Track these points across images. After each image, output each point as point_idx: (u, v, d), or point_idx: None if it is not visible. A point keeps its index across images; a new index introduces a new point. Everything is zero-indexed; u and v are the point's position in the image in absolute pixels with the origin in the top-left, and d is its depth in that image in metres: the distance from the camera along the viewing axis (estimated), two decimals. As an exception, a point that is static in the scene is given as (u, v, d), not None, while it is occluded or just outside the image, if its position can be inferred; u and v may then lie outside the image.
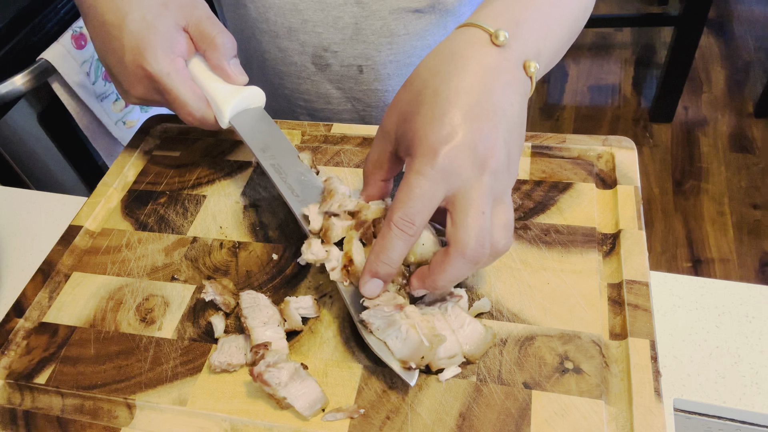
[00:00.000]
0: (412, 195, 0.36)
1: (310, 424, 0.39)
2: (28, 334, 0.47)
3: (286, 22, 0.64)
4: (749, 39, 2.29)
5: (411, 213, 0.36)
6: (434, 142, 0.36)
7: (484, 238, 0.36)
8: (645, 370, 0.39)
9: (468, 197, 0.36)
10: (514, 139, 0.38)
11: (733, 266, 1.62)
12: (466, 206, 0.36)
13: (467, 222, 0.36)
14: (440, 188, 0.36)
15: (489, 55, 0.39)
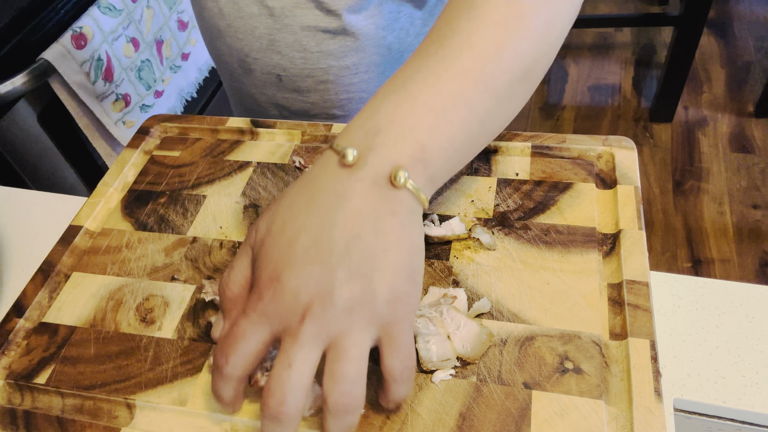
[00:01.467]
0: (232, 334, 0.34)
1: (310, 424, 0.39)
2: (28, 334, 0.47)
3: (215, 24, 0.67)
4: (749, 39, 2.29)
5: (227, 353, 0.34)
6: (262, 285, 0.34)
7: (286, 395, 0.32)
8: (645, 370, 0.39)
9: (283, 347, 0.33)
10: (366, 274, 0.33)
11: (733, 266, 1.62)
12: (278, 358, 0.33)
13: (272, 376, 0.33)
14: (261, 331, 0.34)
15: (338, 182, 0.35)
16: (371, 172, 0.35)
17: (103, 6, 1.07)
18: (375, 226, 0.34)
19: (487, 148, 0.55)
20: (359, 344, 0.33)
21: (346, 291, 0.33)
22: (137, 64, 1.17)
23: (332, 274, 0.33)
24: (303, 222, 0.35)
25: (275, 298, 0.34)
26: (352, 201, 0.34)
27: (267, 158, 0.58)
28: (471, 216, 0.50)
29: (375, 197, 0.35)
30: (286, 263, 0.34)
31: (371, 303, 0.33)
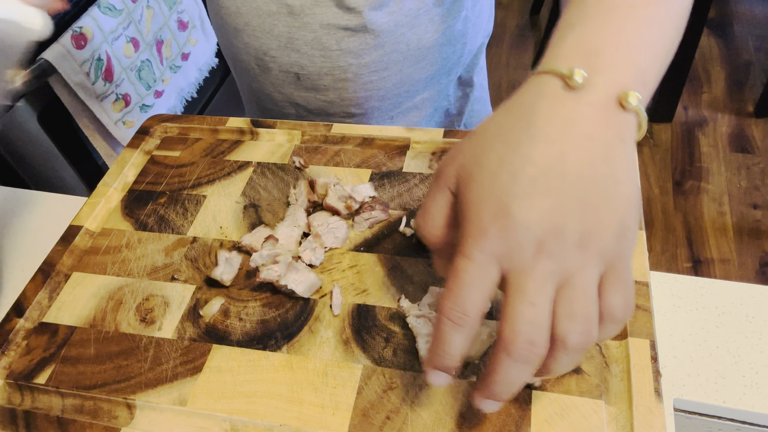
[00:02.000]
0: (461, 283, 0.32)
1: (310, 424, 0.39)
2: (28, 334, 0.47)
3: (233, 23, 0.67)
4: (749, 39, 2.29)
5: (462, 303, 0.32)
6: (485, 222, 0.32)
7: (533, 334, 0.30)
8: (645, 370, 0.39)
9: (518, 285, 0.31)
10: (597, 206, 0.31)
11: (733, 266, 1.62)
12: (513, 296, 0.31)
13: (512, 315, 0.30)
14: (491, 273, 0.31)
15: (564, 107, 0.33)
16: (600, 95, 0.33)
17: (103, 6, 1.07)
18: (606, 154, 0.32)
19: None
20: (593, 282, 0.31)
21: (580, 224, 0.31)
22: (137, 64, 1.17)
23: (564, 206, 0.31)
24: (526, 152, 0.32)
25: (504, 235, 0.31)
26: (582, 126, 0.32)
27: (267, 158, 0.58)
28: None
29: (605, 122, 0.32)
30: (514, 196, 0.31)
31: (603, 237, 0.31)
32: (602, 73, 0.33)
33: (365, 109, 0.70)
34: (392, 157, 0.56)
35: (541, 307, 0.30)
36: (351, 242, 0.50)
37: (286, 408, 0.40)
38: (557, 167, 0.31)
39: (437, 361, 0.33)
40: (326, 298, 0.46)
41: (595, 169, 0.32)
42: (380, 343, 0.43)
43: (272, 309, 0.46)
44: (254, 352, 0.44)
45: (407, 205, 0.52)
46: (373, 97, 0.69)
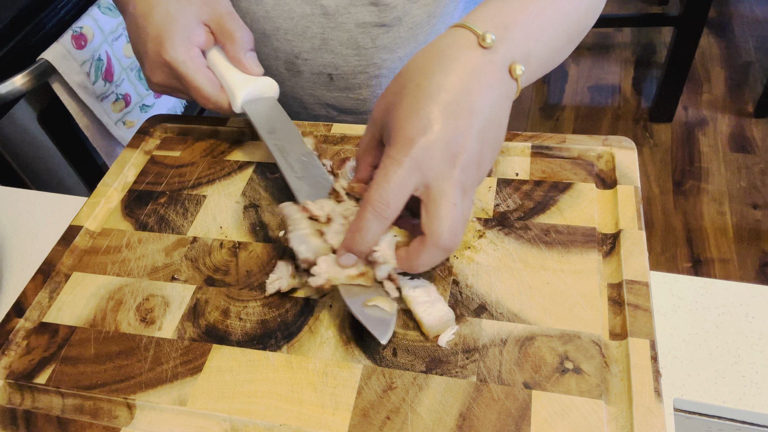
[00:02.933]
0: (387, 179, 0.39)
1: (310, 424, 0.39)
2: (28, 334, 0.47)
3: (260, 28, 0.66)
4: (749, 39, 2.29)
5: (386, 196, 0.39)
6: (411, 133, 0.39)
7: (457, 228, 0.39)
8: (645, 370, 0.39)
9: (441, 189, 0.39)
10: (489, 139, 0.41)
11: (733, 266, 1.62)
12: (439, 198, 0.39)
13: (441, 214, 0.39)
14: (413, 176, 0.39)
15: (474, 57, 0.41)
16: (501, 58, 0.41)
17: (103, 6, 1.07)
18: (498, 103, 0.41)
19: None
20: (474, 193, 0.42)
21: (478, 148, 0.40)
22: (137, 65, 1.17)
23: (472, 131, 0.39)
24: (440, 82, 0.40)
25: (428, 146, 0.38)
26: (486, 76, 0.40)
27: (267, 158, 0.58)
28: (471, 216, 0.50)
29: (501, 79, 0.41)
30: (434, 116, 0.39)
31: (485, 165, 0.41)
32: (505, 44, 0.42)
33: None
34: (392, 157, 0.56)
35: (459, 208, 0.39)
36: (351, 242, 0.50)
37: (286, 408, 0.40)
38: (466, 99, 0.39)
39: (354, 244, 0.41)
40: (326, 298, 0.46)
41: (491, 110, 0.40)
42: (380, 343, 0.43)
43: (272, 309, 0.46)
44: (254, 352, 0.44)
45: (407, 205, 0.52)
46: None
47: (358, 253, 0.42)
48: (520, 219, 0.49)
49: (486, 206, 0.51)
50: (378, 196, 0.39)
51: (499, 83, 0.41)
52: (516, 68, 0.42)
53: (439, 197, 0.39)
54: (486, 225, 0.49)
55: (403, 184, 0.39)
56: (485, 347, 0.42)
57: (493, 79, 0.41)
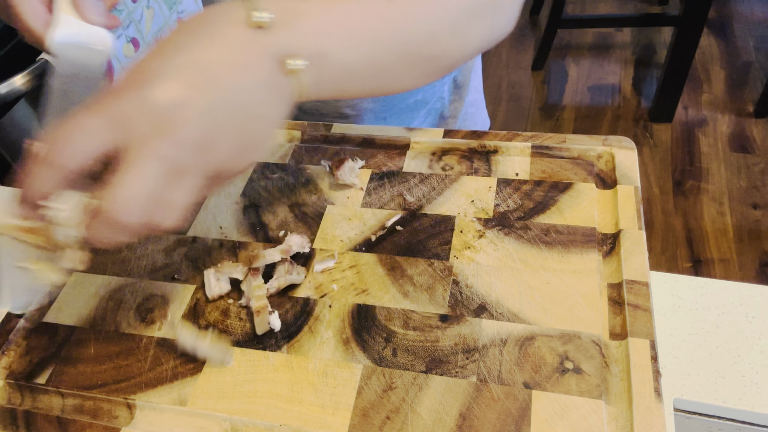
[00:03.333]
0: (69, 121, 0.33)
1: (310, 424, 0.39)
2: (28, 334, 0.47)
3: None
4: (749, 39, 2.29)
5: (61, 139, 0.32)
6: (122, 86, 0.33)
7: (137, 203, 0.32)
8: (645, 370, 0.39)
9: (135, 156, 0.32)
10: (227, 124, 0.34)
11: (733, 266, 1.62)
12: (128, 164, 0.32)
13: (122, 180, 0.32)
14: (103, 127, 0.32)
15: (237, 35, 0.35)
16: (272, 45, 0.35)
17: (103, 6, 1.07)
18: (255, 91, 0.35)
19: (487, 148, 0.55)
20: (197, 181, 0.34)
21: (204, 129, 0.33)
22: (137, 64, 1.17)
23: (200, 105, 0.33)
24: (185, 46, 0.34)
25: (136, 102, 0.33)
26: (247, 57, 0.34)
27: (267, 158, 0.58)
28: (471, 216, 0.50)
29: (264, 66, 0.35)
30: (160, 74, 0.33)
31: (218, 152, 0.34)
32: (286, 31, 0.35)
33: (358, 111, 0.70)
34: (392, 157, 0.56)
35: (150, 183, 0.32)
36: (351, 242, 0.50)
37: (286, 408, 0.40)
38: (208, 71, 0.33)
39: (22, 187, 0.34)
40: (326, 298, 0.46)
41: (242, 94, 0.34)
42: (380, 343, 0.43)
43: (272, 309, 0.46)
44: (254, 352, 0.44)
45: (407, 205, 0.52)
46: (366, 99, 0.69)
47: (24, 198, 0.34)
48: (520, 219, 0.49)
49: (486, 206, 0.51)
50: (54, 139, 0.33)
51: (262, 69, 0.35)
52: (290, 62, 0.35)
53: (128, 163, 0.32)
54: (486, 225, 0.49)
55: (86, 131, 0.32)
56: (485, 347, 0.42)
57: (254, 62, 0.35)
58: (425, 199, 0.52)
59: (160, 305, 0.48)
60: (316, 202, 0.54)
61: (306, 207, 0.53)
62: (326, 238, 0.50)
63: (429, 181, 0.54)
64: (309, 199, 0.54)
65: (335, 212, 0.52)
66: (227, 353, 0.43)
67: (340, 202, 0.53)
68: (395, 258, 0.48)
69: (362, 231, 0.51)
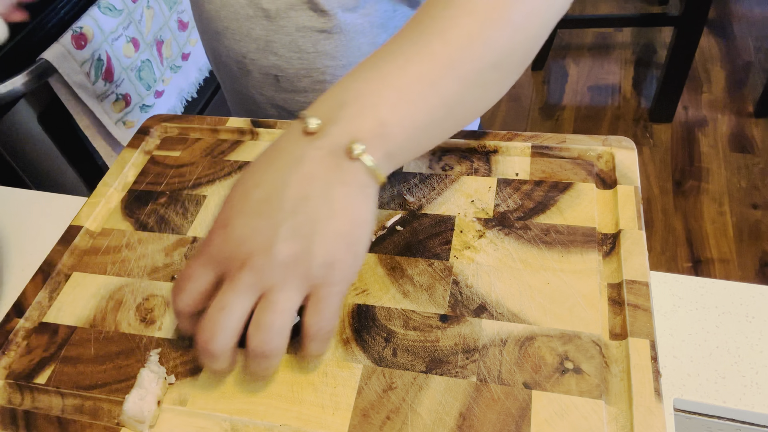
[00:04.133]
0: (183, 272, 0.38)
1: (310, 424, 0.39)
2: (28, 334, 0.47)
3: (213, 27, 0.67)
4: (749, 39, 2.29)
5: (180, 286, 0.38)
6: (212, 230, 0.37)
7: (215, 332, 0.36)
8: (645, 370, 0.39)
9: (221, 290, 0.36)
10: (309, 235, 0.36)
11: (733, 266, 1.62)
12: (215, 299, 0.36)
13: (208, 313, 0.36)
14: (206, 273, 0.37)
15: (298, 147, 0.37)
16: (329, 142, 0.37)
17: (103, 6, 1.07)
18: (324, 192, 0.36)
19: (486, 148, 0.55)
20: (288, 299, 0.36)
21: (285, 247, 0.35)
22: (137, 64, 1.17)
23: (276, 229, 0.35)
24: (259, 178, 0.37)
25: (221, 244, 0.36)
26: (307, 165, 0.36)
27: (267, 158, 0.58)
28: (471, 216, 0.50)
29: (329, 165, 0.36)
30: (237, 213, 0.37)
31: (307, 263, 0.36)
32: (337, 123, 0.37)
33: None
34: (392, 157, 0.56)
35: (228, 311, 0.35)
36: (351, 242, 0.50)
37: (286, 408, 0.40)
38: (278, 195, 0.36)
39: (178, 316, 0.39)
40: (326, 298, 0.46)
41: (309, 203, 0.36)
42: (380, 343, 0.43)
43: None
44: (254, 352, 0.44)
45: (407, 205, 0.52)
46: None
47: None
48: (520, 219, 0.49)
49: (486, 206, 0.51)
50: (176, 286, 0.38)
51: (326, 171, 0.36)
52: (354, 148, 0.36)
53: (215, 299, 0.36)
54: (486, 225, 0.49)
55: (195, 279, 0.37)
56: (485, 347, 0.42)
57: (317, 169, 0.36)
58: (425, 199, 0.52)
59: (160, 305, 0.48)
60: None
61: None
62: (326, 238, 0.50)
63: (429, 181, 0.54)
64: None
65: (335, 212, 0.52)
66: None
67: (340, 202, 0.53)
68: (395, 258, 0.48)
69: (362, 231, 0.51)
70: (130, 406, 0.40)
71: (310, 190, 0.36)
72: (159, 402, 0.41)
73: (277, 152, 0.38)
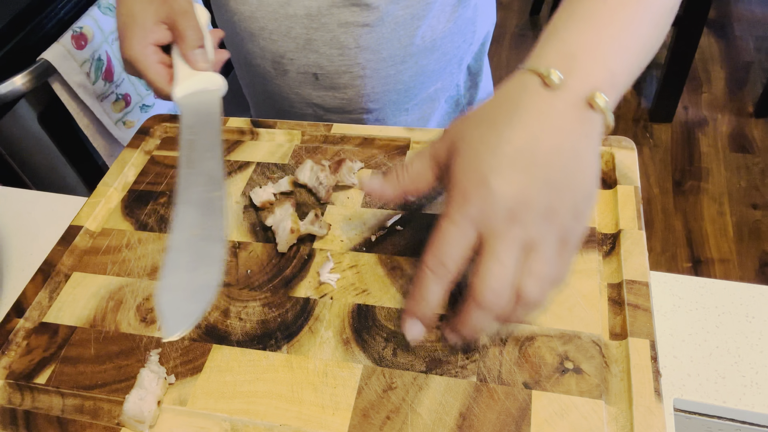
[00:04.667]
0: (441, 239, 0.37)
1: (310, 424, 0.39)
2: (28, 334, 0.47)
3: (247, 28, 0.67)
4: (749, 39, 2.29)
5: (441, 256, 0.37)
6: (467, 189, 0.37)
7: (501, 288, 0.36)
8: (645, 370, 0.39)
9: (491, 246, 0.36)
10: (564, 187, 0.37)
11: (733, 266, 1.62)
12: (487, 255, 0.36)
13: (484, 271, 0.36)
14: (468, 234, 0.36)
15: (541, 101, 0.37)
16: (573, 94, 0.37)
17: (103, 6, 1.07)
18: (572, 146, 0.37)
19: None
20: (552, 249, 0.36)
21: (546, 200, 0.36)
22: (137, 64, 1.17)
23: (535, 182, 0.36)
24: (506, 133, 0.37)
25: (483, 202, 0.36)
26: (555, 119, 0.37)
27: (267, 158, 0.58)
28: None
29: (575, 117, 0.37)
30: (492, 170, 0.36)
31: (563, 214, 0.36)
32: (576, 76, 0.38)
33: (382, 104, 0.71)
34: (392, 157, 0.56)
35: (509, 266, 0.36)
36: (351, 242, 0.50)
37: (286, 408, 0.40)
38: (531, 149, 0.36)
39: (416, 308, 0.38)
40: (326, 299, 0.46)
41: (562, 155, 0.37)
42: (380, 343, 0.43)
43: (272, 309, 0.46)
44: (254, 352, 0.44)
45: (407, 206, 0.52)
46: (390, 90, 0.70)
47: (422, 318, 0.39)
48: (520, 219, 0.49)
49: (486, 206, 0.51)
50: (433, 256, 0.37)
51: (573, 123, 0.37)
52: (597, 100, 0.37)
53: (487, 254, 0.36)
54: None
55: (458, 243, 0.37)
56: (485, 347, 0.42)
57: (565, 121, 0.37)
58: (425, 199, 0.52)
59: (160, 305, 0.48)
60: (316, 202, 0.54)
61: (306, 207, 0.53)
62: (326, 238, 0.50)
63: (429, 181, 0.54)
64: (309, 199, 0.54)
65: (335, 212, 0.52)
66: None
67: (340, 202, 0.53)
68: (395, 258, 0.48)
69: (362, 231, 0.51)
70: (130, 406, 0.40)
71: (560, 143, 0.37)
72: (159, 402, 0.41)
73: (517, 106, 0.38)
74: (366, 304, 0.45)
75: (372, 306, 0.45)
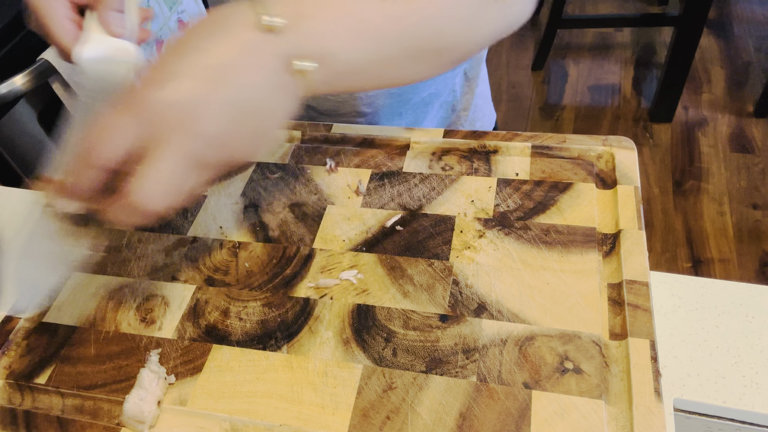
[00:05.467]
0: (100, 122, 0.36)
1: (310, 424, 0.39)
2: (28, 334, 0.47)
3: None
4: (749, 39, 2.29)
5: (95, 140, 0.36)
6: (149, 84, 0.36)
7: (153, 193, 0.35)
8: (645, 370, 0.39)
9: (156, 150, 0.35)
10: (242, 122, 0.36)
11: (733, 266, 1.62)
12: (149, 158, 0.35)
13: (143, 171, 0.35)
14: (132, 127, 0.35)
15: (248, 37, 0.37)
16: (281, 48, 0.37)
17: (103, 6, 1.07)
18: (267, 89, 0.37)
19: (486, 148, 0.55)
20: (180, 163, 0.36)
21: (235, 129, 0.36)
22: (137, 64, 1.17)
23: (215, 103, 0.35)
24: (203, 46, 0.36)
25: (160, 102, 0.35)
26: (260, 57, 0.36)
27: (267, 158, 0.58)
28: (471, 216, 0.50)
29: (272, 66, 0.37)
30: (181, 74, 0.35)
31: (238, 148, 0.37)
32: (294, 34, 0.37)
33: (376, 108, 0.70)
34: (392, 157, 0.56)
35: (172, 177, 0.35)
36: (351, 242, 0.50)
37: (286, 408, 0.40)
38: (226, 69, 0.36)
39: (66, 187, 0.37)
40: (326, 298, 0.46)
41: (257, 92, 0.36)
42: (380, 343, 0.43)
43: (272, 309, 0.46)
44: (254, 352, 0.44)
45: (407, 205, 0.52)
46: (384, 94, 0.69)
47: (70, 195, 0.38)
48: (520, 219, 0.49)
49: (486, 206, 0.51)
50: (89, 140, 0.36)
51: (271, 70, 0.37)
52: (298, 63, 0.37)
53: (150, 156, 0.35)
54: (486, 225, 0.49)
55: (116, 132, 0.35)
56: (485, 347, 0.42)
57: (264, 63, 0.36)
58: (425, 199, 0.52)
59: (160, 305, 0.48)
60: (316, 202, 0.54)
61: (306, 207, 0.53)
62: (326, 238, 0.50)
63: (429, 181, 0.54)
64: (309, 199, 0.54)
65: (335, 212, 0.52)
66: None
67: (340, 202, 0.53)
68: (395, 258, 0.48)
69: (362, 231, 0.51)
70: (130, 407, 0.40)
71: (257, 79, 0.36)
72: (159, 402, 0.41)
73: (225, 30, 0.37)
74: (366, 304, 0.45)
75: (372, 306, 0.45)
